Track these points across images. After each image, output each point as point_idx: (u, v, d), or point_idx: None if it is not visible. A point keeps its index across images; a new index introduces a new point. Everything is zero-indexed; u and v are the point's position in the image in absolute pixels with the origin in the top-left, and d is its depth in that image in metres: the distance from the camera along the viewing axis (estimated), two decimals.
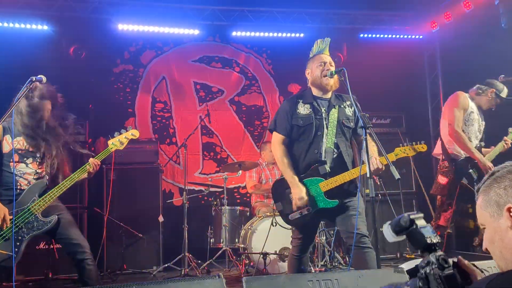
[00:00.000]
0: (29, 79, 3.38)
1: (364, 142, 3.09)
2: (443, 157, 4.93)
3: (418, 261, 1.45)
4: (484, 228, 1.33)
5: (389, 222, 1.45)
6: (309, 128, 3.49)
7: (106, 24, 6.44)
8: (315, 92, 3.62)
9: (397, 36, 7.42)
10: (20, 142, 3.55)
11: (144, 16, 6.50)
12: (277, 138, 3.58)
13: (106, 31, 6.51)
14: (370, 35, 7.34)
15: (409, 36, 7.46)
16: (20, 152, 3.54)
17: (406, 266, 2.36)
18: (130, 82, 7.15)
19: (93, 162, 3.58)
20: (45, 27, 6.16)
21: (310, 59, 3.72)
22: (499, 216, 1.26)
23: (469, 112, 4.80)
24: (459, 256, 1.37)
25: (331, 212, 3.44)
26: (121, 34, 6.60)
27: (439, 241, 1.35)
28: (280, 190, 3.59)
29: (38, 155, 3.60)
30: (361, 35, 7.30)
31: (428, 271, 1.34)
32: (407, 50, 7.39)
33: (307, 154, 3.48)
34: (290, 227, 3.78)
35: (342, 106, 3.59)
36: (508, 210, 1.23)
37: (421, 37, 7.49)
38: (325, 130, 3.47)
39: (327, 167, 3.43)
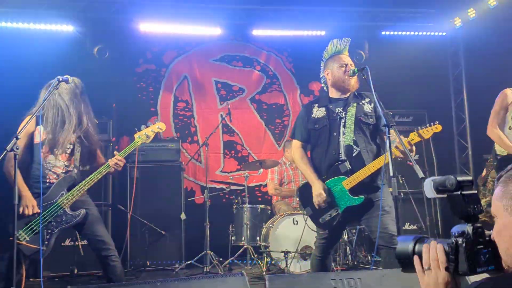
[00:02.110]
0: (55, 79, 3.47)
1: (388, 140, 3.08)
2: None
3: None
4: (496, 219, 1.29)
5: (433, 178, 1.40)
6: (324, 130, 3.53)
7: (129, 25, 6.51)
8: (333, 94, 3.64)
9: (420, 33, 7.32)
10: (51, 133, 3.58)
11: (166, 16, 6.56)
12: (296, 144, 3.68)
13: (129, 31, 6.59)
14: (392, 33, 7.25)
15: (432, 33, 7.35)
16: (50, 142, 3.58)
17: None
18: (152, 82, 7.23)
19: (113, 160, 3.60)
20: (70, 28, 6.26)
21: (328, 59, 3.72)
22: None
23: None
24: None
25: (358, 211, 3.43)
26: (144, 34, 6.67)
27: (482, 211, 1.30)
28: (306, 194, 3.57)
29: (68, 147, 3.63)
30: (383, 33, 7.22)
31: (460, 241, 1.30)
32: (429, 47, 7.29)
33: (326, 157, 3.50)
34: (312, 225, 3.80)
35: (361, 103, 3.57)
36: None
37: (444, 34, 7.38)
38: (342, 129, 3.48)
39: (348, 164, 3.41)
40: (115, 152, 3.68)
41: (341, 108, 3.54)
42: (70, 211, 3.52)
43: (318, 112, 3.59)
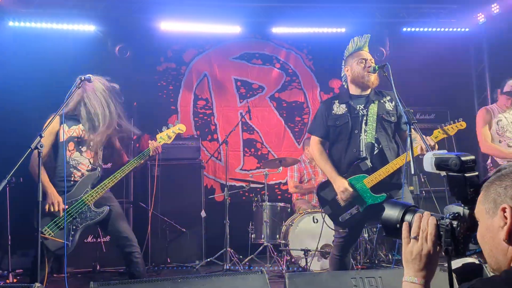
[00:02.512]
0: (78, 78, 3.52)
1: (409, 138, 3.04)
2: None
3: (465, 260, 1.42)
4: (479, 222, 1.31)
5: (434, 152, 1.40)
6: (345, 127, 3.49)
7: (149, 23, 6.57)
8: (354, 90, 3.61)
9: (442, 29, 7.21)
10: (77, 130, 3.65)
11: (186, 15, 6.59)
12: (314, 140, 3.63)
13: (150, 30, 6.65)
14: (413, 29, 7.15)
15: (455, 29, 7.23)
16: (76, 140, 3.65)
17: (453, 265, 2.31)
18: (173, 80, 7.29)
19: (152, 144, 3.72)
20: (92, 27, 6.35)
21: (348, 56, 3.69)
22: (494, 214, 1.24)
23: (496, 121, 4.80)
24: None
25: (379, 209, 3.37)
26: (164, 33, 6.72)
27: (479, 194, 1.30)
28: (324, 193, 3.57)
29: (92, 144, 3.69)
30: (404, 29, 7.14)
31: (454, 225, 1.30)
32: (452, 43, 7.17)
33: (347, 154, 3.47)
34: (331, 223, 3.76)
35: (382, 101, 3.56)
36: (503, 210, 1.21)
37: (467, 30, 7.25)
38: (364, 126, 3.45)
39: (369, 162, 3.39)
40: (151, 141, 3.78)
41: (362, 105, 3.51)
42: (94, 208, 3.59)
43: (339, 109, 3.55)
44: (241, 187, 6.46)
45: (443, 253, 1.34)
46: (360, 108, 3.50)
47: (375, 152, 3.42)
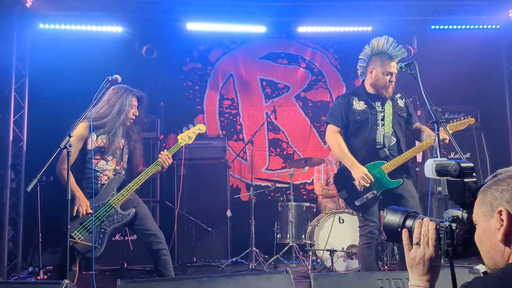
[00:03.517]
0: (105, 79, 3.58)
1: (437, 137, 3.02)
2: None
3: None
4: (477, 225, 1.37)
5: (434, 159, 1.48)
6: (365, 122, 3.76)
7: (176, 24, 6.62)
8: (370, 90, 3.85)
9: (472, 26, 7.03)
10: (104, 140, 3.73)
11: (212, 15, 6.63)
12: (332, 129, 3.87)
13: (176, 30, 6.70)
14: (441, 27, 7.00)
15: (485, 26, 7.04)
16: (102, 150, 3.73)
17: (482, 267, 2.27)
18: (199, 80, 7.34)
19: (164, 155, 3.74)
20: (119, 29, 6.44)
21: (375, 56, 3.79)
22: (491, 216, 1.30)
23: None
24: None
25: (395, 195, 3.67)
26: (190, 33, 6.76)
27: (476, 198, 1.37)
28: (342, 179, 3.81)
29: (118, 152, 3.78)
30: (432, 27, 7.00)
31: (454, 227, 1.37)
32: (482, 40, 6.99)
33: (364, 147, 3.75)
34: (358, 223, 3.86)
35: (395, 99, 3.86)
36: (499, 212, 1.28)
37: (498, 26, 7.05)
38: (381, 122, 3.76)
39: (386, 150, 3.70)
40: (161, 152, 3.80)
41: (379, 103, 3.81)
42: (121, 211, 3.66)
43: (359, 105, 3.81)
44: (267, 187, 6.46)
45: (443, 255, 1.41)
46: (378, 106, 3.80)
47: (392, 143, 3.75)
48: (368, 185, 3.60)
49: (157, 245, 3.65)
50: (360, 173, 3.61)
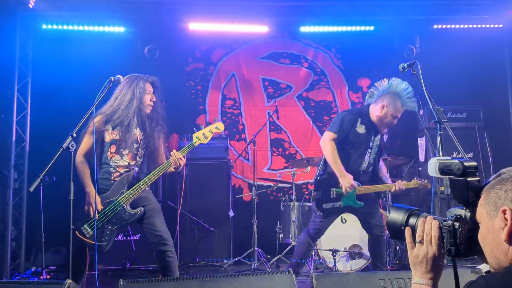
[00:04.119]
0: (108, 79, 3.58)
1: (439, 137, 3.03)
2: None
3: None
4: (481, 224, 1.38)
5: (438, 158, 1.47)
6: (360, 146, 4.23)
7: (178, 24, 6.62)
8: (373, 119, 4.26)
9: (474, 25, 7.00)
10: (119, 133, 3.68)
11: (214, 15, 6.62)
12: (328, 136, 4.22)
13: (178, 30, 6.70)
14: (444, 26, 6.98)
15: (488, 25, 7.01)
16: (118, 143, 3.69)
17: (484, 267, 2.26)
18: (201, 80, 7.34)
19: (174, 155, 3.63)
20: (122, 29, 6.44)
21: (392, 95, 4.12)
22: (495, 216, 1.31)
23: None
24: None
25: (355, 210, 4.33)
26: (192, 33, 6.76)
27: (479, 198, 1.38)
28: (323, 183, 4.31)
29: (134, 146, 3.72)
30: (435, 26, 6.98)
31: (457, 226, 1.38)
32: (485, 40, 6.97)
33: (350, 163, 4.22)
34: (360, 223, 4.53)
35: (383, 134, 4.36)
36: (503, 212, 1.28)
37: (501, 26, 7.04)
38: (369, 150, 4.27)
39: (365, 176, 4.26)
40: (173, 151, 3.69)
41: (373, 132, 4.28)
42: (130, 209, 3.63)
43: (361, 128, 4.23)
44: (269, 187, 6.45)
45: (446, 254, 1.42)
46: (372, 135, 4.28)
47: (370, 169, 4.32)
48: (351, 191, 4.13)
49: (163, 246, 3.63)
50: (348, 182, 4.08)
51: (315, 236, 4.49)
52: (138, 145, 3.74)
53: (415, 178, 4.44)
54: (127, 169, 3.70)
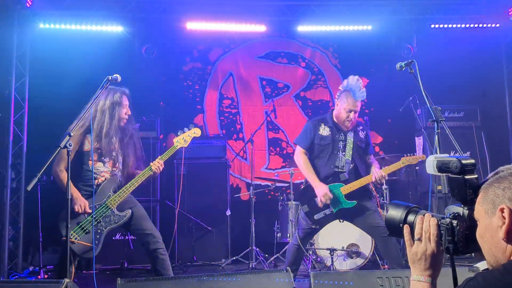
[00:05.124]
0: (105, 78, 3.59)
1: (436, 136, 3.03)
2: None
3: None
4: (479, 222, 1.38)
5: (436, 155, 1.47)
6: (327, 147, 4.23)
7: (176, 24, 6.61)
8: (335, 119, 4.29)
9: (471, 25, 7.01)
10: (100, 142, 3.75)
11: (212, 15, 6.62)
12: (299, 150, 4.31)
13: (176, 30, 6.70)
14: (441, 25, 7.00)
15: (485, 25, 7.03)
16: (99, 151, 3.75)
17: (482, 265, 2.27)
18: (199, 80, 7.34)
19: (155, 164, 3.76)
20: (119, 28, 6.43)
21: (346, 92, 4.16)
22: (493, 214, 1.31)
23: None
24: None
25: (349, 213, 4.18)
26: (190, 33, 6.75)
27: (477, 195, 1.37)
28: (306, 194, 4.24)
29: (113, 154, 3.81)
30: (432, 26, 6.99)
31: (454, 224, 1.38)
32: (482, 39, 6.99)
33: (325, 169, 4.21)
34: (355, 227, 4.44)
35: (356, 130, 4.30)
36: (501, 210, 1.29)
37: (497, 25, 7.05)
38: (342, 149, 4.24)
39: (346, 174, 4.17)
40: (155, 161, 3.81)
41: (342, 132, 4.26)
42: (118, 212, 3.68)
43: (324, 131, 4.26)
44: (267, 186, 6.46)
45: (444, 251, 1.42)
46: (341, 135, 4.25)
47: (350, 168, 4.23)
48: (328, 202, 4.06)
49: (154, 244, 3.68)
50: (322, 191, 4.06)
51: (303, 244, 4.32)
52: (117, 153, 3.84)
53: (404, 156, 4.37)
54: (110, 174, 3.79)
